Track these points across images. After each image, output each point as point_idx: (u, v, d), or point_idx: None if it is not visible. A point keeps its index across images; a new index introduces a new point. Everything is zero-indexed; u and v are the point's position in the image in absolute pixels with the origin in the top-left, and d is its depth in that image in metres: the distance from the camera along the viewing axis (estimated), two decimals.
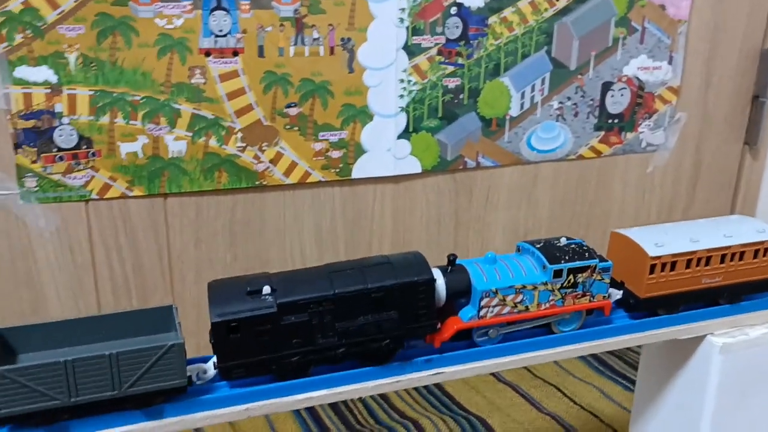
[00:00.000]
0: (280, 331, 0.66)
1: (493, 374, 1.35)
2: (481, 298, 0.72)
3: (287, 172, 1.20)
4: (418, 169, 1.29)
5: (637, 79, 1.38)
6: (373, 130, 1.23)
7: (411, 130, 1.26)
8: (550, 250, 0.76)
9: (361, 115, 1.22)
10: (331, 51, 1.17)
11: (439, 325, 0.72)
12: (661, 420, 0.95)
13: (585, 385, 1.31)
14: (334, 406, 1.25)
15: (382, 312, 0.69)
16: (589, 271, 0.77)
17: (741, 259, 0.85)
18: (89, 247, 1.14)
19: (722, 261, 0.84)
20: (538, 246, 0.77)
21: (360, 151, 1.24)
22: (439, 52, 1.23)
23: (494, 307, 0.73)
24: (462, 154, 1.31)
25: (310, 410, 1.23)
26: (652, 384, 0.96)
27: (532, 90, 1.32)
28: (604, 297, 0.79)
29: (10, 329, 0.62)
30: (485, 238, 1.39)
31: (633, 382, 1.30)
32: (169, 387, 0.62)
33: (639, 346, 1.14)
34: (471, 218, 1.37)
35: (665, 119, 1.44)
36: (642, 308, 0.83)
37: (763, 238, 0.85)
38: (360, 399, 1.27)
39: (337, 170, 1.23)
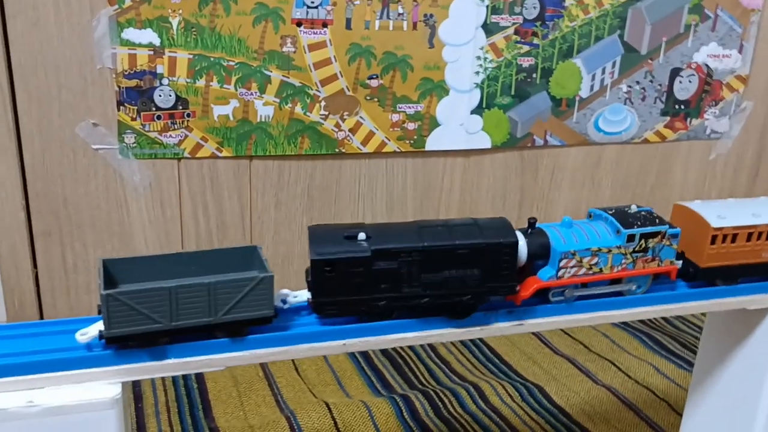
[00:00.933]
0: (371, 275, 0.70)
1: (549, 346, 1.40)
2: (560, 259, 0.76)
3: (365, 142, 1.26)
4: (488, 145, 1.33)
5: (707, 66, 1.41)
6: (448, 104, 1.28)
7: (484, 106, 1.30)
8: (623, 216, 0.80)
9: (438, 89, 1.27)
10: (414, 26, 1.22)
11: (518, 287, 0.76)
12: (720, 392, 0.99)
13: (639, 361, 1.35)
14: (396, 365, 1.31)
15: (466, 269, 0.72)
16: (659, 236, 0.80)
17: None
18: (178, 203, 1.21)
19: None
20: (611, 212, 0.80)
21: (434, 124, 1.29)
22: (516, 32, 1.28)
23: (571, 268, 0.77)
24: (531, 132, 1.35)
25: (374, 368, 1.30)
26: (714, 355, 1.00)
27: (603, 72, 1.35)
28: (671, 262, 0.82)
29: (113, 260, 0.67)
30: (548, 215, 1.43)
31: (686, 362, 1.33)
32: (258, 316, 0.67)
33: (696, 325, 1.17)
34: (535, 195, 1.41)
35: (731, 107, 1.46)
36: (701, 277, 0.86)
37: None
38: (420, 361, 1.33)
39: (412, 141, 1.29)
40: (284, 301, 0.74)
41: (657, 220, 0.81)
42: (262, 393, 1.21)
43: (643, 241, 0.79)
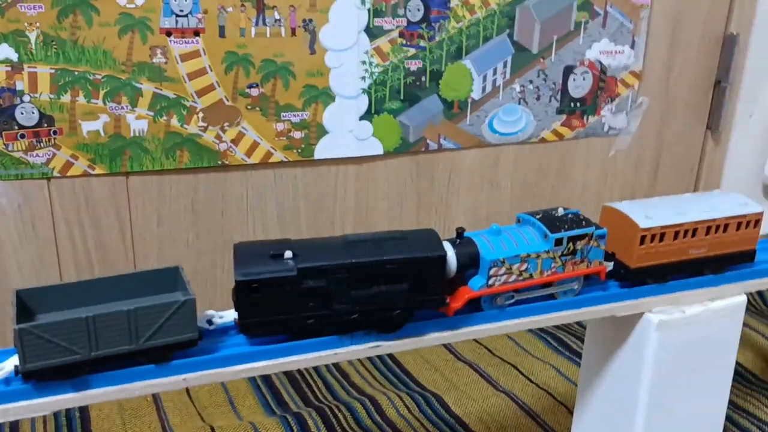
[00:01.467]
0: (298, 293, 0.69)
1: (452, 352, 1.37)
2: (490, 268, 0.76)
3: (249, 152, 1.22)
4: (380, 151, 1.30)
5: (600, 63, 1.40)
6: (335, 111, 1.25)
7: (373, 111, 1.27)
8: (550, 220, 0.81)
9: (323, 96, 1.23)
10: (293, 32, 1.18)
11: (447, 299, 0.76)
12: (603, 396, 0.98)
13: (542, 363, 1.34)
14: (293, 381, 1.27)
15: (395, 283, 0.72)
16: (587, 238, 0.81)
17: (725, 231, 0.89)
18: (51, 224, 1.16)
19: (707, 233, 0.88)
20: (538, 217, 0.81)
21: (322, 131, 1.25)
22: (401, 35, 1.25)
23: (501, 275, 0.77)
24: (424, 136, 1.33)
25: (269, 385, 1.26)
26: (595, 361, 0.98)
27: (494, 73, 1.34)
28: (600, 263, 0.83)
29: (28, 291, 0.65)
30: (447, 220, 1.41)
31: None
32: (182, 340, 0.66)
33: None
34: (433, 200, 1.39)
35: (627, 103, 1.46)
36: (632, 278, 0.87)
37: (745, 212, 0.90)
38: (318, 375, 1.29)
39: (300, 150, 1.25)
40: (210, 322, 0.73)
41: (584, 222, 0.82)
42: (148, 420, 1.16)
43: (571, 243, 0.80)
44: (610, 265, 0.86)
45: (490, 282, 0.77)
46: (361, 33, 1.22)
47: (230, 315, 0.73)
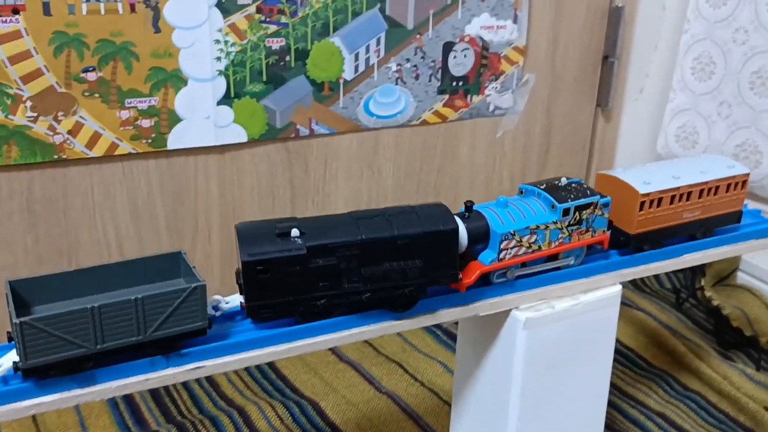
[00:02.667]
0: (308, 273, 0.66)
1: (335, 353, 1.28)
2: (501, 241, 0.75)
3: (90, 144, 1.09)
4: (244, 138, 1.19)
5: (481, 39, 1.32)
6: (188, 95, 1.13)
7: (232, 95, 1.16)
8: (555, 190, 0.80)
9: (173, 79, 1.11)
10: (132, 8, 1.05)
11: (460, 274, 0.73)
12: (477, 397, 0.90)
13: (429, 360, 1.26)
14: (155, 396, 1.16)
15: (407, 260, 0.70)
16: (592, 207, 0.80)
17: (716, 193, 0.91)
18: None
19: (700, 196, 0.89)
20: (542, 187, 0.80)
21: (175, 119, 1.13)
22: (259, 10, 1.13)
23: (512, 248, 0.76)
24: (293, 121, 1.22)
25: (129, 402, 1.14)
26: (468, 360, 0.91)
27: (367, 51, 1.24)
28: (603, 231, 0.83)
29: (22, 281, 0.61)
30: (326, 209, 1.31)
31: None
32: (192, 329, 0.63)
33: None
34: (309, 189, 1.29)
35: (513, 81, 1.39)
36: (632, 244, 0.87)
37: (734, 173, 0.92)
38: (185, 387, 1.18)
39: (150, 141, 1.12)
40: (216, 308, 0.70)
41: (588, 192, 0.81)
42: None
43: (577, 213, 0.80)
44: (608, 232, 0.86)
45: (501, 256, 0.75)
46: (212, 8, 1.10)
47: (237, 298, 0.70)
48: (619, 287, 0.87)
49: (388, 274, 0.70)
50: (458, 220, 0.73)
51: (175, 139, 1.14)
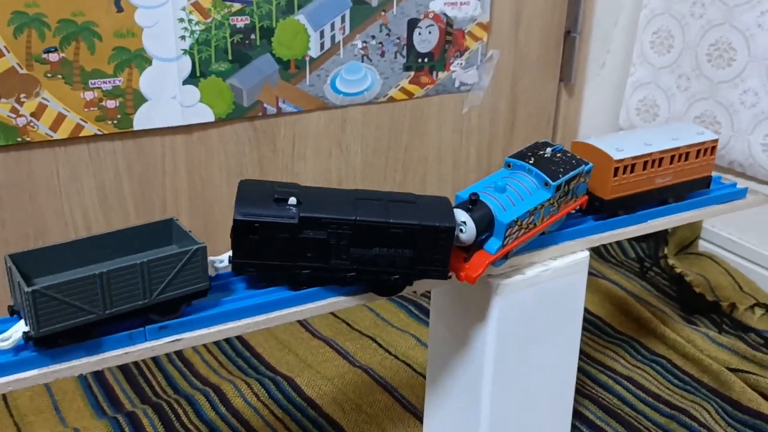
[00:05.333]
0: (296, 242, 0.67)
1: (308, 330, 1.29)
2: (506, 230, 0.74)
3: (54, 127, 1.08)
4: (211, 118, 1.19)
5: (445, 15, 1.33)
6: (153, 75, 1.12)
7: (198, 74, 1.15)
8: (545, 165, 0.80)
9: (137, 59, 1.10)
10: None
11: (460, 271, 0.74)
12: (452, 364, 0.92)
13: (402, 334, 1.27)
14: (129, 377, 1.15)
15: (398, 248, 0.70)
16: (578, 177, 0.82)
17: (686, 159, 0.93)
18: None
19: (671, 162, 0.92)
20: (531, 162, 0.80)
21: (140, 99, 1.12)
22: None
23: (514, 233, 0.76)
24: (260, 100, 1.22)
25: (102, 384, 1.14)
26: (441, 328, 0.92)
27: (332, 28, 1.24)
28: (583, 195, 0.85)
29: (20, 255, 0.62)
30: None
31: None
32: (194, 290, 0.64)
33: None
34: (277, 168, 1.29)
35: (477, 57, 1.40)
36: (606, 209, 0.89)
37: (703, 139, 0.94)
38: (159, 367, 1.18)
39: (115, 122, 1.11)
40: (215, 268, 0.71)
41: (574, 162, 0.82)
42: None
43: (566, 185, 0.81)
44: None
45: (505, 242, 0.75)
46: None
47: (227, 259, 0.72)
48: (587, 253, 0.89)
49: (377, 259, 0.70)
50: (464, 213, 0.73)
51: (141, 120, 1.13)
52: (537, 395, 0.93)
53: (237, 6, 1.15)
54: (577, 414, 1.08)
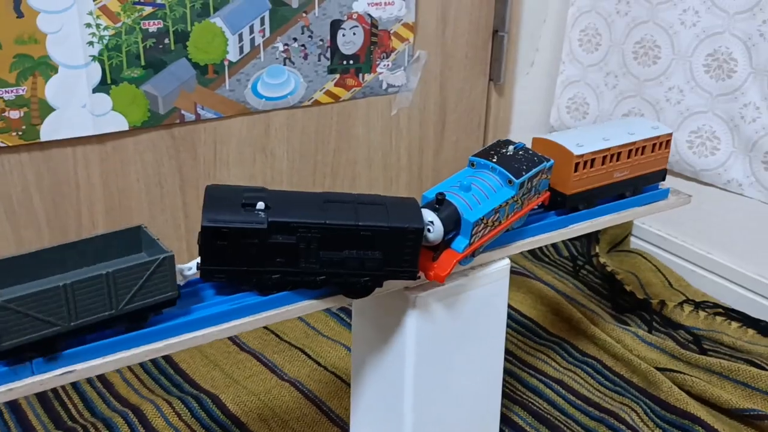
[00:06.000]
0: (266, 247, 0.67)
1: (235, 343, 1.25)
2: (473, 228, 0.75)
3: None
4: (126, 126, 1.14)
5: (369, 16, 1.30)
6: (59, 83, 1.06)
7: (109, 81, 1.10)
8: (507, 162, 0.80)
9: (42, 66, 1.04)
10: None
11: (429, 271, 0.75)
12: (374, 377, 0.89)
13: (333, 344, 1.25)
14: (44, 401, 1.10)
15: (367, 250, 0.70)
16: (540, 173, 0.83)
17: (642, 153, 0.95)
18: None
19: (629, 156, 0.94)
20: (494, 160, 0.80)
21: (47, 109, 1.07)
22: None
23: (480, 231, 0.77)
24: (177, 107, 1.17)
25: (14, 409, 1.08)
26: (363, 340, 0.90)
27: (251, 31, 1.20)
28: (544, 191, 0.86)
29: None
30: None
31: None
32: (162, 300, 0.64)
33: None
34: (199, 176, 1.24)
35: (404, 58, 1.38)
36: (568, 204, 0.90)
37: (658, 133, 0.96)
38: (76, 390, 1.13)
39: (20, 133, 1.06)
40: (183, 275, 0.70)
41: (536, 159, 0.82)
42: None
43: (529, 182, 0.81)
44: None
45: (472, 240, 0.76)
46: None
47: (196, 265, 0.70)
48: (507, 261, 0.88)
49: (347, 262, 0.70)
50: (431, 213, 0.73)
51: (48, 130, 1.08)
52: (462, 404, 0.91)
53: (148, 9, 1.10)
54: (506, 420, 1.07)
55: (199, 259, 0.69)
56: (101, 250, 0.65)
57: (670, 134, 0.98)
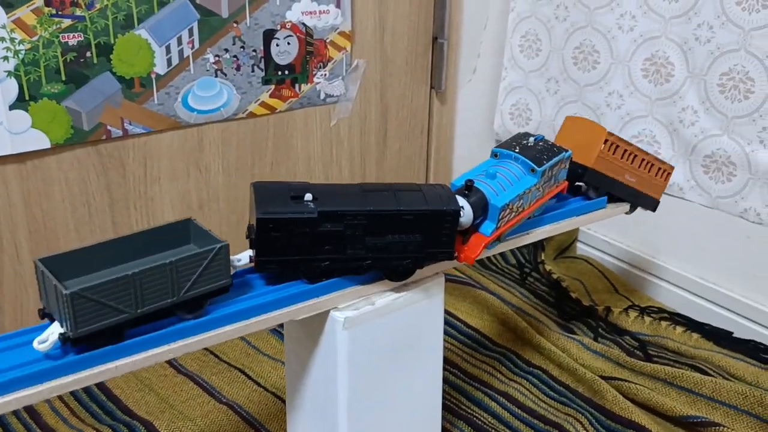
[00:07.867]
0: (315, 236, 0.70)
1: (172, 366, 1.21)
2: (500, 213, 0.78)
3: None
4: (47, 144, 1.09)
5: (304, 25, 1.27)
6: None
7: (27, 98, 1.05)
8: (529, 153, 0.83)
9: None
10: None
11: (461, 252, 0.78)
12: (308, 398, 0.86)
13: (274, 363, 1.21)
14: None
15: (408, 234, 0.74)
16: (561, 163, 0.86)
17: (650, 170, 1.01)
18: None
19: (640, 165, 0.99)
20: (516, 150, 0.84)
21: None
22: (48, 3, 1.03)
23: (506, 216, 0.80)
24: (103, 122, 1.13)
25: None
26: (295, 361, 0.86)
27: (180, 43, 1.16)
28: (563, 180, 0.89)
29: (49, 259, 0.63)
30: (151, 213, 1.23)
31: None
32: (218, 287, 0.68)
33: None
34: (129, 194, 1.20)
35: (342, 67, 1.35)
36: (588, 178, 0.94)
37: (664, 162, 1.04)
38: (1, 423, 1.07)
39: None
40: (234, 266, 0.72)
41: (555, 149, 0.86)
42: None
43: (549, 171, 0.84)
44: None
45: (499, 225, 0.79)
46: None
47: (246, 256, 0.73)
48: (442, 278, 0.85)
49: (390, 246, 0.74)
50: (462, 199, 0.76)
51: None
52: (401, 422, 0.88)
53: (67, 22, 1.05)
54: None
55: (248, 252, 0.72)
56: (151, 242, 0.69)
57: (672, 168, 1.04)
